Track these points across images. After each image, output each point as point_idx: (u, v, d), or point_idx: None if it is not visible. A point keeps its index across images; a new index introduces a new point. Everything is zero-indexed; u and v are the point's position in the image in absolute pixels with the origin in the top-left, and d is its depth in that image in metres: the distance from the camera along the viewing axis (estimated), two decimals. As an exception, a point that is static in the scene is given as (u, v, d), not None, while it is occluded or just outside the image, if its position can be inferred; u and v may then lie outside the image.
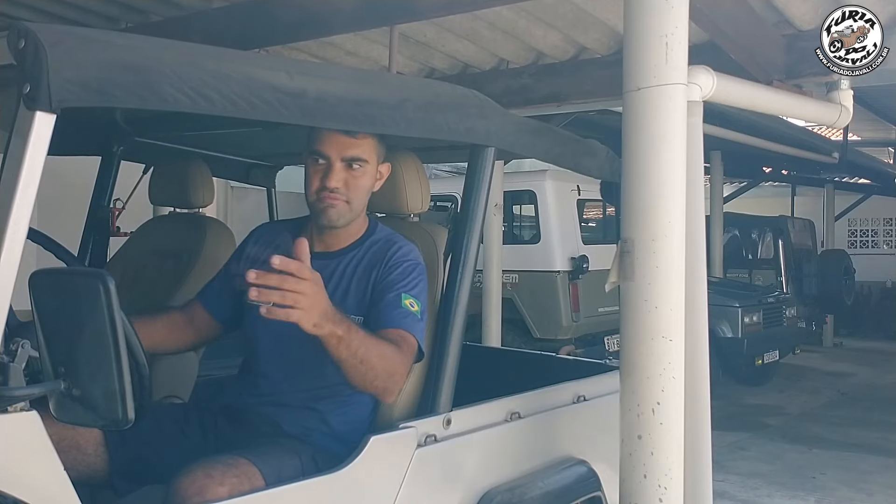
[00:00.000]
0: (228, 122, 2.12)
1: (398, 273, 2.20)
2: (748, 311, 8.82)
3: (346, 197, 2.20)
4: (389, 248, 2.25)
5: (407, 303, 2.14)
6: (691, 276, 2.60)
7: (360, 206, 2.27)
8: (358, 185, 2.21)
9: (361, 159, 2.20)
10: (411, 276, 2.20)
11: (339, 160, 2.18)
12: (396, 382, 2.05)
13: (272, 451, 2.01)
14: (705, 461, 3.20)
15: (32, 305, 1.56)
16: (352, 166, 2.19)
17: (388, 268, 2.21)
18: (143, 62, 1.61)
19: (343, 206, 2.20)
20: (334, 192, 2.18)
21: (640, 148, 2.40)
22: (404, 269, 2.20)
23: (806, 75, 4.43)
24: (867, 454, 6.77)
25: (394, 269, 2.21)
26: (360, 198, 2.24)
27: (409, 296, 2.16)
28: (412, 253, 2.26)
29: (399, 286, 2.17)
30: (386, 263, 2.22)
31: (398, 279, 2.18)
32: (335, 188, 2.18)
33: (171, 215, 3.40)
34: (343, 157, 2.18)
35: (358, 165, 2.20)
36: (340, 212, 2.21)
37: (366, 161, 2.21)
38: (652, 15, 2.35)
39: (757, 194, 14.50)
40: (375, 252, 2.26)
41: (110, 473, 2.11)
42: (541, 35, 5.23)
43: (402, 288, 2.17)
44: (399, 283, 2.18)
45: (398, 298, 2.14)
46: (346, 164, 2.18)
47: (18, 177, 1.46)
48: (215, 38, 4.32)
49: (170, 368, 2.96)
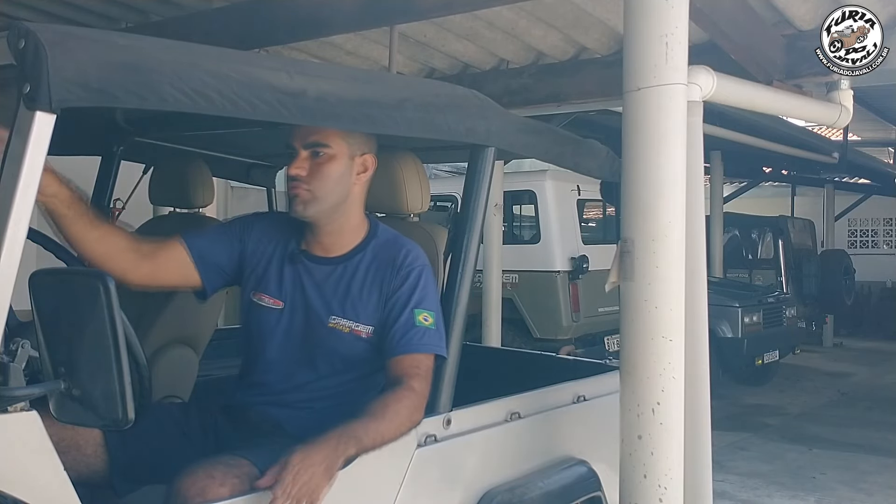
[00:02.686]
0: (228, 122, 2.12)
1: (409, 284, 2.18)
2: (748, 311, 8.81)
3: (308, 185, 2.14)
4: (398, 254, 2.22)
5: (421, 318, 2.14)
6: (691, 276, 2.60)
7: (329, 197, 2.17)
8: (322, 174, 2.15)
9: (322, 144, 2.15)
10: (421, 285, 2.19)
11: (301, 148, 2.16)
12: (417, 420, 2.08)
13: (273, 452, 2.01)
14: (705, 461, 3.21)
15: (32, 305, 1.56)
16: (317, 154, 2.16)
17: (398, 277, 2.19)
18: (143, 62, 1.61)
19: (306, 194, 2.15)
20: (296, 181, 2.14)
21: (640, 148, 2.40)
22: (415, 279, 2.19)
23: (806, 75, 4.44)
24: (867, 454, 6.77)
25: (405, 279, 2.19)
26: (326, 187, 2.16)
27: (422, 310, 2.16)
28: (420, 258, 2.24)
29: (412, 301, 2.16)
30: (397, 272, 2.20)
31: (409, 292, 2.17)
32: (296, 175, 2.14)
33: (171, 215, 3.39)
34: (304, 143, 2.15)
35: (320, 152, 2.15)
36: (304, 201, 2.15)
37: (328, 146, 2.15)
38: (652, 15, 2.36)
39: (757, 194, 14.49)
40: (383, 258, 2.23)
41: (110, 473, 2.11)
42: (541, 35, 5.23)
43: (416, 303, 2.16)
44: (411, 296, 2.17)
45: (412, 317, 2.14)
46: (309, 151, 2.15)
47: (18, 177, 1.46)
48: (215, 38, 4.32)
49: (170, 368, 2.96)
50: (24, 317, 1.64)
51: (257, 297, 2.26)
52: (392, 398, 2.03)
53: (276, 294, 2.24)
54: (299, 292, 2.23)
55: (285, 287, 2.24)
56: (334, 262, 2.24)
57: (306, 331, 2.21)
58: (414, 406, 2.06)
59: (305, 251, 2.26)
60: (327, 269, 2.23)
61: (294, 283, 2.24)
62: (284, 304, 2.23)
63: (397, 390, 2.05)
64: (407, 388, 2.06)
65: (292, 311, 2.23)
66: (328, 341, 2.19)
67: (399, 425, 2.00)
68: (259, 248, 2.29)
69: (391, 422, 1.98)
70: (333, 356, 2.20)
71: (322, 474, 1.79)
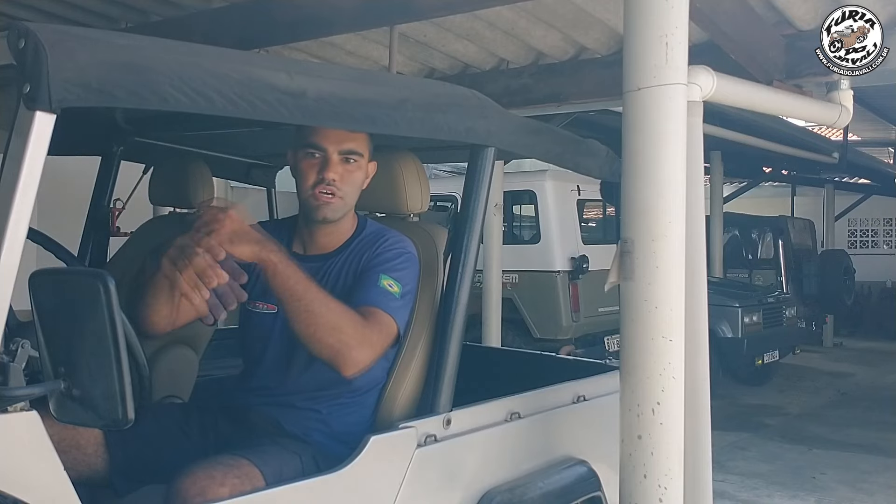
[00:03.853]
0: (228, 122, 2.12)
1: (384, 258, 2.19)
2: (748, 311, 8.82)
3: (341, 192, 2.19)
4: (378, 239, 2.26)
5: (385, 283, 2.12)
6: (691, 276, 2.60)
7: (352, 202, 2.27)
8: (353, 180, 2.22)
9: (357, 153, 2.21)
10: (396, 261, 2.19)
11: (336, 153, 2.17)
12: (351, 349, 1.96)
13: (273, 452, 2.01)
14: (705, 461, 3.20)
15: (32, 305, 1.56)
16: (348, 160, 2.19)
17: (375, 254, 2.21)
18: (143, 62, 1.61)
19: (338, 201, 2.20)
20: (331, 185, 2.16)
21: (640, 148, 2.39)
22: (390, 255, 2.20)
23: (806, 75, 4.44)
24: (867, 454, 6.77)
25: (380, 254, 2.20)
26: (353, 193, 2.25)
27: (388, 276, 2.14)
28: (401, 243, 2.26)
29: (380, 268, 2.16)
30: (375, 251, 2.22)
31: (381, 262, 2.18)
32: (332, 180, 2.16)
33: (171, 215, 3.39)
34: (340, 149, 2.17)
35: (353, 159, 2.20)
36: (335, 207, 2.20)
37: (361, 155, 2.22)
38: (652, 15, 2.35)
39: (757, 194, 14.49)
40: (367, 244, 2.26)
41: (110, 473, 2.11)
42: (541, 35, 5.23)
43: (383, 269, 2.15)
44: (381, 265, 2.17)
45: (376, 277, 2.13)
46: (342, 157, 2.18)
47: (18, 177, 1.46)
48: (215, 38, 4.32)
49: (170, 368, 2.96)
50: (24, 317, 1.64)
51: (251, 306, 2.27)
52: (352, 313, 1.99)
53: (270, 299, 2.23)
54: None
55: None
56: (324, 258, 2.27)
57: None
58: (353, 334, 1.96)
59: (297, 253, 2.27)
60: (316, 266, 2.24)
61: None
62: (278, 308, 2.23)
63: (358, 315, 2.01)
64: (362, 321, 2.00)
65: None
66: None
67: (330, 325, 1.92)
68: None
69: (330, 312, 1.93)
70: None
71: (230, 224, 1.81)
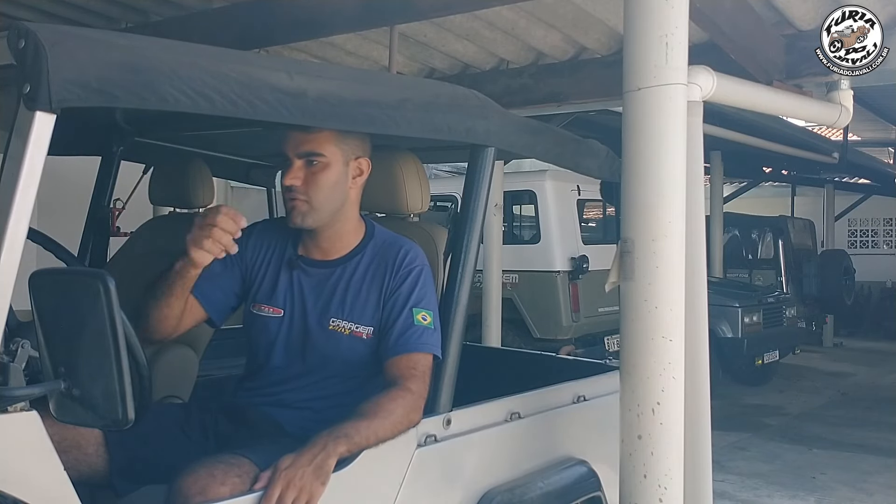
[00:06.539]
0: (228, 122, 2.12)
1: (408, 284, 2.19)
2: (748, 311, 8.81)
3: (304, 196, 2.14)
4: (397, 254, 2.23)
5: (419, 317, 2.15)
6: (691, 276, 2.60)
7: (326, 205, 2.18)
8: (317, 182, 2.14)
9: (316, 153, 2.14)
10: (420, 284, 2.19)
11: (295, 157, 2.15)
12: (414, 420, 2.08)
13: (273, 452, 2.01)
14: (705, 461, 3.20)
15: (32, 305, 1.56)
16: (311, 162, 2.15)
17: (398, 277, 2.20)
18: (143, 62, 1.61)
19: (303, 205, 2.15)
20: (292, 191, 2.14)
21: (640, 148, 2.39)
22: (414, 278, 2.20)
23: (806, 75, 4.44)
24: (867, 454, 6.77)
25: (404, 278, 2.19)
26: (322, 196, 2.16)
27: (420, 309, 2.16)
28: (419, 257, 2.25)
29: (411, 300, 2.17)
30: (396, 272, 2.20)
31: (409, 291, 2.18)
32: (291, 186, 2.13)
33: (171, 215, 3.39)
34: (298, 153, 2.14)
35: (315, 161, 2.14)
36: (302, 212, 2.16)
37: (322, 155, 2.14)
38: (652, 15, 2.35)
39: (757, 194, 14.50)
40: (382, 258, 2.23)
41: (110, 473, 2.11)
42: (541, 35, 5.23)
43: (414, 302, 2.17)
44: (410, 296, 2.17)
45: (410, 316, 2.15)
46: (303, 160, 2.15)
47: (18, 177, 1.46)
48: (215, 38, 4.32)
49: (170, 368, 2.96)
50: (24, 317, 1.64)
51: (257, 309, 2.27)
52: (385, 398, 2.03)
53: (276, 302, 2.25)
54: (298, 297, 2.24)
55: (284, 294, 2.25)
56: (333, 264, 2.25)
57: (307, 335, 2.22)
58: (410, 406, 2.05)
59: (303, 256, 2.27)
60: (326, 273, 2.24)
61: (293, 288, 2.24)
62: (284, 312, 2.24)
63: (391, 391, 2.05)
64: (403, 389, 2.06)
65: (292, 317, 2.23)
66: (329, 344, 2.19)
67: (394, 424, 2.00)
68: (257, 259, 2.30)
69: (384, 420, 1.98)
70: (334, 358, 2.20)
71: (312, 474, 1.80)
